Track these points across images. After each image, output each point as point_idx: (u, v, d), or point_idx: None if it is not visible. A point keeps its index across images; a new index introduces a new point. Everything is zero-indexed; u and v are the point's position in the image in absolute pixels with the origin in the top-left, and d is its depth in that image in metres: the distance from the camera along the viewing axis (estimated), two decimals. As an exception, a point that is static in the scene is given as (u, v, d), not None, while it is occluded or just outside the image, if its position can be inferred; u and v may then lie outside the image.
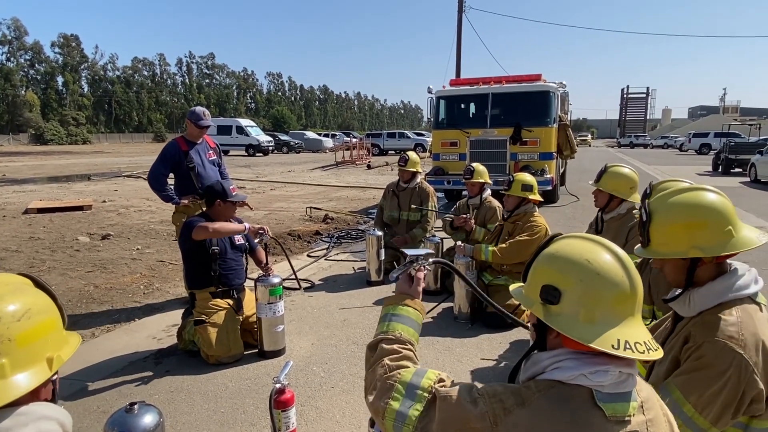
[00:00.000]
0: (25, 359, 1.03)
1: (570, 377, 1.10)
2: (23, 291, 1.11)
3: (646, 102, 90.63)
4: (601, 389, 1.09)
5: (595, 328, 1.09)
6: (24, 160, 31.32)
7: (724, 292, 1.59)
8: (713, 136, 37.56)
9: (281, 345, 3.84)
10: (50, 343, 1.09)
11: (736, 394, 1.48)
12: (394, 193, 6.20)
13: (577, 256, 1.15)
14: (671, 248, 1.62)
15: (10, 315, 1.03)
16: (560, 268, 1.16)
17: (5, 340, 1.00)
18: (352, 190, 15.18)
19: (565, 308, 1.13)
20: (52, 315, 1.12)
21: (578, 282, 1.12)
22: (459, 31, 22.77)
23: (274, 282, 3.72)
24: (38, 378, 1.04)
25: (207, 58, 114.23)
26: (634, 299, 1.13)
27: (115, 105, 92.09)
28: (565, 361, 1.13)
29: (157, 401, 3.16)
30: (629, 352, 1.07)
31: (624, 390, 1.11)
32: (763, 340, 1.53)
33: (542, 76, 11.25)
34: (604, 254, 1.15)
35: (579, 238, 1.22)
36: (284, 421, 2.39)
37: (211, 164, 4.86)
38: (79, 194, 13.71)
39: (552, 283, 1.15)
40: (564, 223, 8.97)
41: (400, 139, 38.98)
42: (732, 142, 21.43)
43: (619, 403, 1.09)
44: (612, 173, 3.44)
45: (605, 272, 1.12)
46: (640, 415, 1.12)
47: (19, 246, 7.46)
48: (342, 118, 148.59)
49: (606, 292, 1.11)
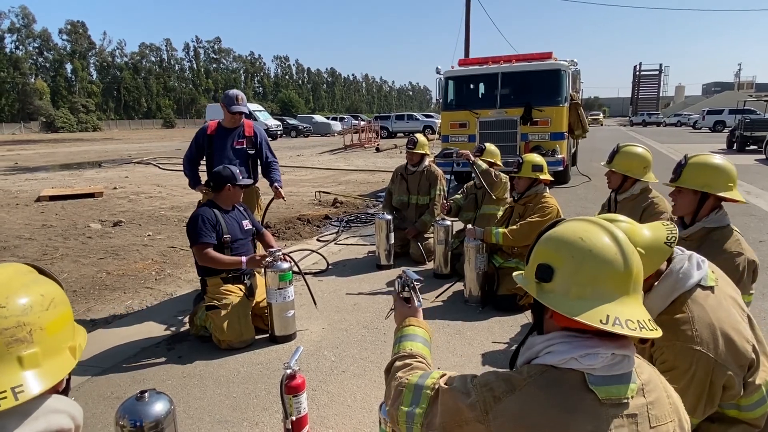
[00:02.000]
0: (54, 348, 1.03)
1: (561, 361, 1.10)
2: (42, 281, 1.10)
3: (658, 79, 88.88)
4: (593, 372, 1.07)
5: (584, 303, 1.08)
6: (35, 147, 31.58)
7: (670, 292, 1.63)
8: (728, 113, 36.89)
9: (292, 330, 3.85)
10: (70, 332, 1.10)
11: (704, 385, 1.55)
12: (402, 176, 6.15)
13: (570, 235, 1.16)
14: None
15: (39, 304, 1.03)
16: (555, 246, 1.17)
17: (37, 329, 1.01)
18: (361, 173, 15.13)
19: (558, 285, 1.13)
20: (68, 305, 1.12)
21: (570, 259, 1.12)
22: (467, 10, 22.40)
23: (283, 267, 3.70)
24: (67, 366, 1.05)
25: (213, 42, 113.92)
26: (629, 278, 1.12)
27: (124, 91, 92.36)
28: (557, 344, 1.12)
29: (170, 386, 3.19)
30: (618, 327, 1.05)
31: (619, 372, 1.09)
32: (720, 326, 1.58)
33: (553, 54, 11.04)
34: (599, 233, 1.15)
35: (581, 220, 1.23)
36: (295, 406, 2.40)
37: (236, 152, 4.59)
38: (90, 181, 13.81)
39: (546, 262, 1.16)
40: (576, 204, 8.88)
41: (409, 122, 38.70)
42: (747, 119, 20.99)
43: (613, 386, 1.08)
44: (625, 153, 3.36)
45: (598, 250, 1.12)
46: (640, 398, 1.10)
47: (32, 234, 7.53)
48: (350, 100, 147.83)
49: (598, 269, 1.11)
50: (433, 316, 4.24)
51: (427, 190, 5.97)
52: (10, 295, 1.01)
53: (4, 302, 0.99)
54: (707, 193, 2.32)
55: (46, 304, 1.04)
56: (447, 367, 3.34)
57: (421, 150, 5.91)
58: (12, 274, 1.06)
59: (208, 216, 3.82)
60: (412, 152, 5.93)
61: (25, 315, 1.00)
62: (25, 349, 0.98)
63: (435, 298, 4.63)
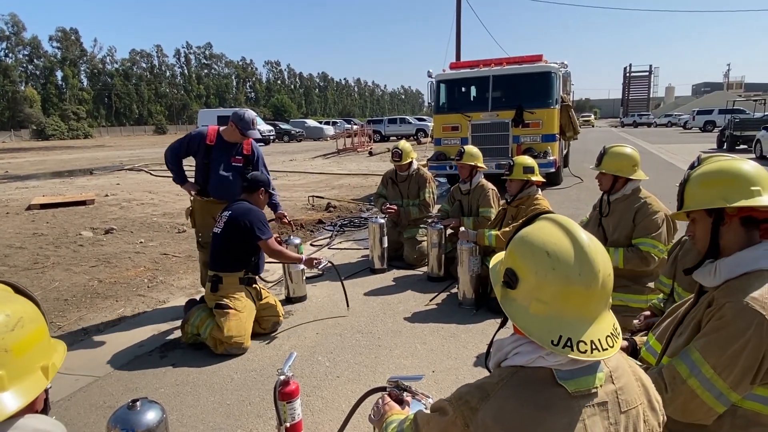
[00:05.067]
0: (22, 370, 0.99)
1: (529, 361, 1.12)
2: (11, 299, 1.07)
3: (648, 80, 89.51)
4: (560, 368, 1.10)
5: (542, 320, 1.09)
6: (26, 156, 31.35)
7: (753, 262, 1.54)
8: (717, 113, 37.22)
9: (304, 292, 4.78)
10: (42, 351, 1.06)
11: (758, 356, 1.45)
12: (393, 181, 6.13)
13: (539, 245, 1.13)
14: (699, 201, 1.62)
15: (3, 325, 0.98)
16: (522, 254, 1.16)
17: (1, 351, 0.96)
18: (354, 177, 15.12)
19: (520, 295, 1.14)
20: (41, 323, 1.08)
21: (534, 273, 1.11)
22: (458, 13, 22.51)
23: (296, 242, 4.67)
24: (37, 388, 1.01)
25: (205, 47, 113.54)
26: (591, 298, 1.10)
27: (115, 98, 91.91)
28: (523, 345, 1.15)
29: (163, 395, 3.16)
30: (567, 350, 1.06)
31: (585, 364, 1.12)
32: None
33: (543, 57, 11.11)
34: (568, 247, 1.12)
35: (555, 223, 1.19)
36: (290, 412, 2.39)
37: (232, 170, 4.44)
38: (81, 189, 13.71)
39: (513, 268, 1.16)
40: (568, 205, 8.91)
41: (402, 125, 38.74)
42: (737, 118, 21.23)
43: (582, 378, 1.11)
44: (613, 154, 3.38)
45: (562, 268, 1.09)
46: (609, 385, 1.13)
47: (22, 242, 7.46)
48: (342, 105, 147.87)
49: (559, 289, 1.09)
50: (428, 319, 4.24)
51: (417, 193, 5.96)
52: None
53: None
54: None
55: (11, 324, 0.99)
56: (441, 370, 3.34)
57: (407, 159, 5.87)
58: None
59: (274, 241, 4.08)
60: (400, 164, 5.89)
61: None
62: None
63: (429, 302, 4.62)
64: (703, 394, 1.53)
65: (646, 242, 3.20)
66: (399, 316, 4.35)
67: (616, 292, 3.33)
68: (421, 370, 3.32)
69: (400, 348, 3.73)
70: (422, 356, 3.59)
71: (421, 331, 4.02)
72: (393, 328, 4.11)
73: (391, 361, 3.53)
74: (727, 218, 1.59)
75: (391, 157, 5.98)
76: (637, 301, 3.22)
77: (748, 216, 1.58)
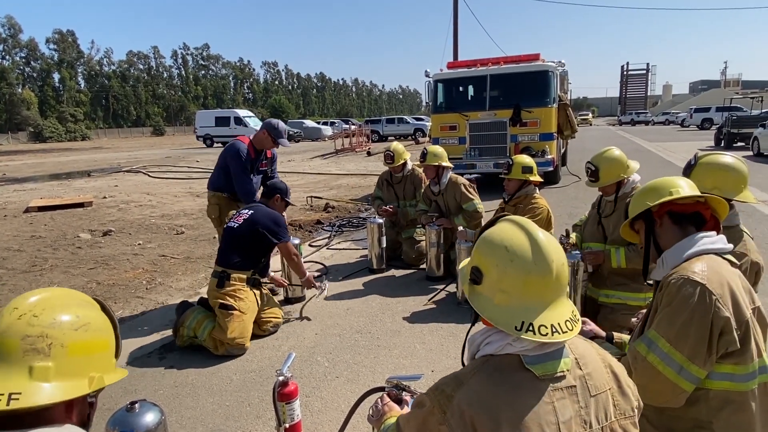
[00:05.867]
0: (70, 370, 1.04)
1: (498, 349, 1.22)
2: (88, 307, 1.14)
3: (646, 78, 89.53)
4: (527, 353, 1.20)
5: (505, 309, 1.20)
6: (23, 158, 31.29)
7: (691, 247, 1.74)
8: (715, 110, 37.27)
9: (302, 293, 4.78)
10: (97, 362, 1.10)
11: (706, 324, 1.57)
12: (389, 183, 6.12)
13: (498, 242, 1.25)
14: (632, 211, 1.94)
15: (69, 323, 1.06)
16: (484, 251, 1.27)
17: (58, 345, 1.03)
18: (352, 177, 15.12)
19: (485, 289, 1.24)
20: (107, 337, 1.15)
21: (495, 267, 1.23)
22: (455, 13, 22.50)
23: (295, 243, 4.55)
24: (75, 391, 1.04)
25: (202, 49, 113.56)
26: (548, 286, 1.21)
27: (113, 100, 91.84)
28: (492, 335, 1.25)
29: (162, 396, 3.16)
30: (530, 334, 1.16)
31: (551, 350, 1.21)
32: (729, 282, 1.63)
33: (541, 56, 11.11)
34: (524, 242, 1.23)
35: (513, 224, 1.29)
36: (289, 413, 2.39)
37: (259, 173, 4.81)
38: (79, 191, 13.69)
39: (478, 265, 1.27)
40: (567, 204, 8.92)
41: (400, 125, 38.73)
42: (734, 116, 21.21)
43: (548, 363, 1.20)
44: (605, 162, 3.37)
45: (519, 259, 1.20)
46: (576, 370, 1.22)
47: (21, 245, 7.45)
48: (340, 105, 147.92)
49: (518, 279, 1.20)
50: (426, 319, 4.24)
51: (414, 194, 5.95)
52: (48, 308, 1.06)
53: (39, 312, 1.04)
54: None
55: (77, 325, 1.07)
56: (440, 370, 3.34)
57: (400, 160, 5.85)
58: (62, 294, 1.12)
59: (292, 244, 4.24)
60: (393, 166, 5.88)
61: (52, 328, 1.03)
62: (39, 361, 1.00)
63: (428, 301, 4.62)
64: (664, 370, 1.61)
65: None
66: (398, 315, 4.35)
67: (615, 290, 3.35)
68: (420, 370, 3.32)
69: (399, 348, 3.73)
70: (421, 356, 3.59)
71: (420, 330, 4.02)
72: (392, 327, 4.11)
73: (390, 361, 3.53)
74: (657, 219, 1.86)
75: (384, 159, 5.96)
76: (636, 299, 3.22)
77: (673, 212, 1.83)
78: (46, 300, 1.08)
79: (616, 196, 3.41)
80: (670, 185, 1.85)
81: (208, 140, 35.84)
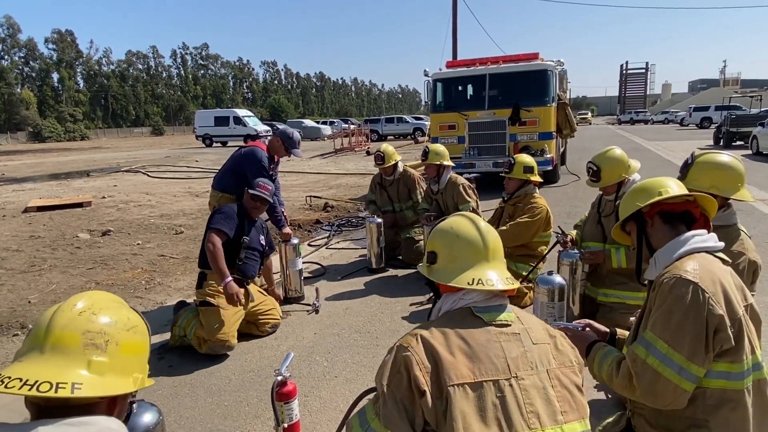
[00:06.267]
0: (120, 367, 1.12)
1: (452, 305, 1.51)
2: (132, 311, 1.25)
3: (645, 77, 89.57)
4: (475, 305, 1.47)
5: (457, 274, 1.50)
6: (22, 158, 31.27)
7: (682, 245, 1.77)
8: (714, 109, 37.22)
9: (301, 293, 4.79)
10: (140, 364, 1.20)
11: (701, 322, 1.59)
12: (381, 186, 6.09)
13: (447, 228, 1.59)
14: (623, 213, 1.97)
15: (123, 323, 1.17)
16: (435, 237, 1.61)
17: (114, 342, 1.12)
18: (351, 177, 15.11)
19: (440, 264, 1.55)
20: (147, 342, 1.25)
21: (444, 244, 1.56)
22: (454, 12, 22.49)
23: (294, 242, 4.74)
24: (124, 387, 1.12)
25: (201, 48, 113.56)
26: (487, 251, 1.53)
27: (112, 100, 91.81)
28: (447, 297, 1.54)
29: (161, 396, 3.15)
30: (480, 285, 1.46)
31: (495, 304, 1.49)
32: (721, 280, 1.64)
33: (540, 55, 11.11)
34: (465, 223, 1.58)
35: (461, 215, 1.64)
36: (287, 413, 2.38)
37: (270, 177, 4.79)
38: (78, 191, 13.68)
39: (431, 249, 1.59)
40: (566, 203, 8.92)
41: (399, 124, 38.74)
42: (733, 114, 21.23)
43: (493, 313, 1.46)
44: (607, 162, 3.37)
45: (463, 235, 1.55)
46: (518, 324, 1.46)
47: (19, 245, 7.44)
48: (340, 104, 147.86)
49: (463, 247, 1.54)
50: (425, 318, 4.23)
51: (408, 196, 5.94)
52: (104, 308, 1.16)
53: (98, 311, 1.14)
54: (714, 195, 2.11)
55: (129, 325, 1.18)
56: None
57: (391, 162, 5.82)
58: (110, 297, 1.23)
59: (236, 212, 4.01)
60: (384, 167, 5.86)
61: (110, 326, 1.13)
62: (97, 356, 1.09)
63: (426, 301, 4.62)
64: (664, 371, 1.61)
65: None
66: (397, 315, 4.35)
67: (614, 289, 3.35)
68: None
69: (398, 347, 3.72)
70: (420, 355, 3.58)
71: (419, 330, 4.01)
72: (391, 327, 4.10)
73: (389, 361, 3.51)
74: (648, 219, 1.90)
75: (374, 161, 5.94)
76: (634, 298, 3.22)
77: (663, 212, 1.86)
78: (101, 300, 1.17)
79: (617, 195, 3.41)
80: (659, 185, 1.89)
81: (208, 140, 35.83)
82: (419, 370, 1.34)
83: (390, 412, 1.35)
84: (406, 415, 1.34)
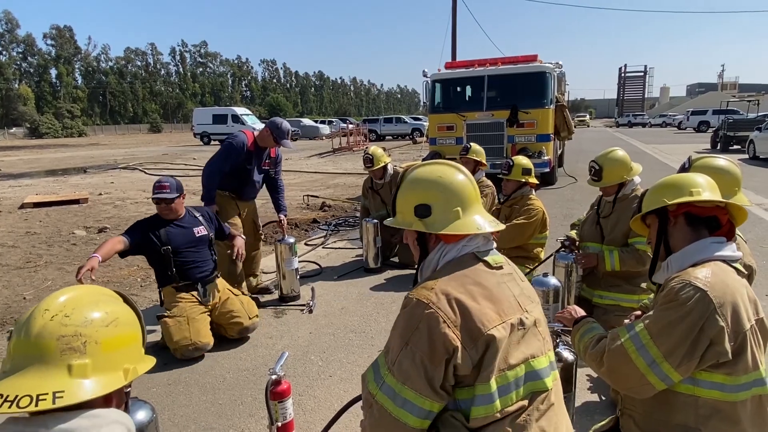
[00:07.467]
0: (106, 364, 1.09)
1: (457, 253, 1.49)
2: (114, 302, 1.19)
3: (643, 80, 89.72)
4: (478, 249, 1.50)
5: (461, 221, 1.49)
6: (20, 154, 31.17)
7: (698, 254, 1.71)
8: (711, 113, 37.32)
9: (297, 292, 4.76)
10: (129, 355, 1.16)
11: (693, 328, 1.54)
12: (372, 190, 6.06)
13: (433, 177, 1.54)
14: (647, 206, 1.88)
15: (100, 320, 1.10)
16: (424, 188, 1.53)
17: (92, 342, 1.07)
18: (349, 176, 15.10)
19: (438, 216, 1.49)
20: (135, 330, 1.20)
21: (440, 194, 1.50)
22: (454, 13, 22.52)
23: (290, 242, 4.67)
24: (113, 384, 1.09)
25: (200, 46, 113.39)
26: (476, 194, 1.55)
27: (110, 96, 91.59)
28: (445, 248, 1.51)
29: (155, 394, 3.15)
30: (485, 229, 1.49)
31: (491, 247, 1.54)
32: (732, 292, 1.58)
33: (538, 57, 11.12)
34: (448, 169, 1.55)
35: (427, 165, 1.60)
36: (281, 412, 2.38)
37: (261, 172, 4.76)
38: (75, 187, 13.65)
39: (421, 202, 1.51)
40: (562, 205, 8.93)
41: (397, 124, 38.72)
42: (730, 119, 21.31)
43: (491, 255, 1.50)
44: (609, 163, 3.38)
45: (455, 182, 1.53)
46: (507, 266, 1.53)
47: (15, 241, 7.42)
48: (338, 104, 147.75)
49: (460, 194, 1.51)
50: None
51: None
52: (78, 307, 1.10)
53: (70, 312, 1.08)
54: None
55: (107, 321, 1.11)
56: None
57: (379, 164, 5.77)
58: (88, 292, 1.17)
59: (147, 221, 3.93)
60: (373, 170, 5.82)
61: (84, 327, 1.07)
62: (76, 359, 1.04)
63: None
64: (636, 359, 1.61)
65: (642, 241, 3.21)
66: (392, 315, 4.34)
67: (609, 291, 3.36)
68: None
69: (394, 347, 3.72)
70: (415, 356, 3.58)
71: (414, 330, 4.01)
72: (386, 327, 4.10)
73: (384, 361, 3.52)
74: (672, 217, 1.80)
75: (363, 163, 5.88)
76: (629, 300, 3.23)
77: (690, 213, 1.77)
78: (74, 299, 1.12)
79: (616, 197, 3.43)
80: (691, 184, 1.78)
81: (206, 138, 35.77)
82: (447, 326, 1.32)
83: (407, 370, 1.34)
84: (425, 373, 1.32)
